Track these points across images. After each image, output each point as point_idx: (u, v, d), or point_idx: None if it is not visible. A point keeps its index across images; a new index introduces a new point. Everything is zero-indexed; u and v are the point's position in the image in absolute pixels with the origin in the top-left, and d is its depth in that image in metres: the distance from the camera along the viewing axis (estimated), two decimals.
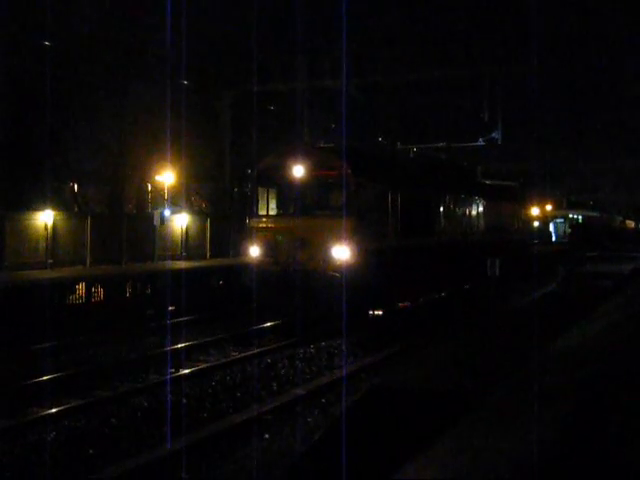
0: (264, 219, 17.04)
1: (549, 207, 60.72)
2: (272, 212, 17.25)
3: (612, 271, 27.32)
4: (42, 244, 19.97)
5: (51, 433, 9.30)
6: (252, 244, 16.74)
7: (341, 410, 9.06)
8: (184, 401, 10.84)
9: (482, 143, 28.03)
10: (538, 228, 58.91)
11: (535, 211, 57.81)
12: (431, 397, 7.91)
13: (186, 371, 12.58)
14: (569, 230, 59.25)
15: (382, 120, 33.59)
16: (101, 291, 18.93)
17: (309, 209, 16.32)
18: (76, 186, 28.65)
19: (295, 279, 15.51)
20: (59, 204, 23.79)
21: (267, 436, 9.46)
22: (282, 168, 16.54)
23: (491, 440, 5.57)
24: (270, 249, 16.31)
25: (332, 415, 10.04)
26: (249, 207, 17.79)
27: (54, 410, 10.01)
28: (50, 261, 19.89)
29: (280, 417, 10.18)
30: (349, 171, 15.74)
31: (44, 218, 20.20)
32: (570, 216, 61.25)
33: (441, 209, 20.93)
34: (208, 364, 13.29)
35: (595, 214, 63.49)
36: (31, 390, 11.07)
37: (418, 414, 7.50)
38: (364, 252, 15.82)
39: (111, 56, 25.60)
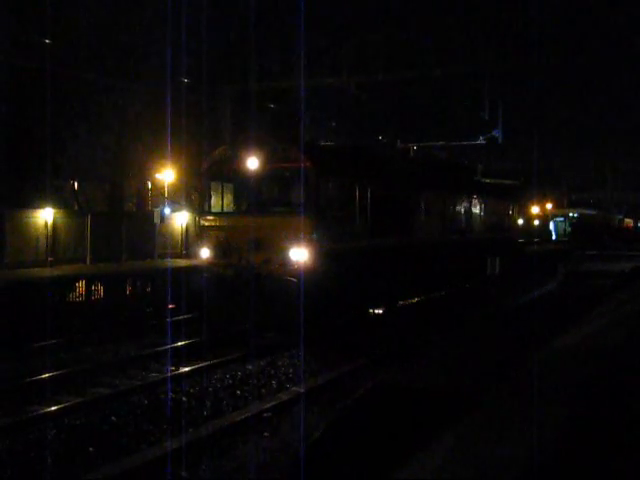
0: (216, 217, 15.56)
1: (549, 206, 60.69)
2: (225, 209, 15.80)
3: (612, 270, 27.29)
4: (42, 242, 19.98)
5: None
6: (202, 245, 15.31)
7: (341, 409, 9.04)
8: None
9: (483, 142, 27.98)
10: (538, 226, 58.94)
11: (535, 209, 57.97)
12: (431, 397, 7.90)
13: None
14: (569, 229, 59.21)
15: (382, 119, 33.57)
16: (101, 289, 18.92)
17: (264, 206, 14.84)
18: (76, 184, 28.59)
19: (249, 284, 13.95)
20: (59, 202, 23.74)
21: None
22: (235, 160, 15.02)
23: (489, 444, 5.57)
24: (222, 250, 14.84)
25: (334, 412, 9.69)
26: (199, 204, 16.13)
27: None
28: (50, 259, 19.89)
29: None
30: (308, 163, 14.19)
31: (44, 216, 20.20)
32: (570, 215, 61.19)
33: (421, 207, 19.50)
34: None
35: (595, 212, 63.44)
36: None
37: (418, 414, 7.49)
38: (326, 254, 14.37)
39: (111, 54, 25.58)
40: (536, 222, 59.44)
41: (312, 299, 13.67)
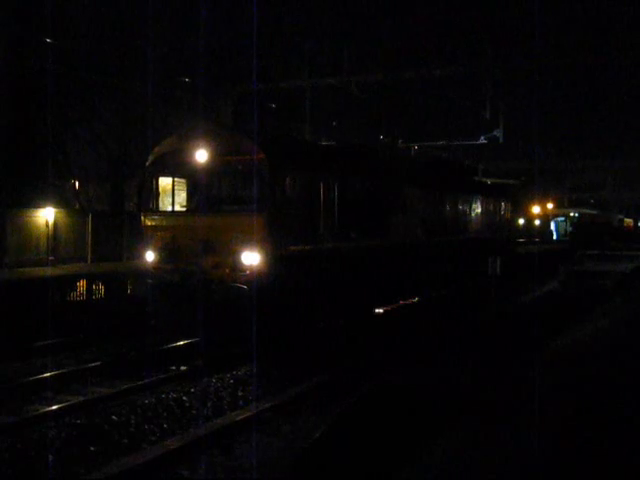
0: (161, 216, 13.93)
1: (550, 205, 60.67)
2: (173, 207, 14.10)
3: (614, 270, 27.25)
4: (43, 241, 19.99)
5: None
6: (147, 247, 13.62)
7: (342, 409, 9.03)
8: None
9: (484, 141, 27.95)
10: (539, 226, 58.95)
11: (536, 209, 57.99)
12: (432, 397, 7.91)
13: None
14: (570, 228, 59.15)
15: (383, 119, 33.56)
16: (102, 288, 18.90)
17: (214, 204, 13.31)
18: (77, 183, 28.63)
19: (197, 291, 12.54)
20: (60, 201, 23.78)
21: None
22: (183, 153, 13.40)
23: (489, 444, 5.57)
24: (168, 254, 13.23)
25: (335, 411, 9.34)
26: (143, 201, 14.43)
27: None
28: (51, 258, 19.89)
29: None
30: (262, 155, 12.67)
31: (45, 215, 20.21)
32: (571, 214, 61.17)
33: (401, 206, 18.11)
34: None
35: (595, 212, 63.42)
36: None
37: (418, 414, 7.49)
38: (284, 257, 12.90)
39: (113, 53, 25.59)
40: (537, 222, 59.49)
41: (267, 308, 12.27)
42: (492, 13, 24.86)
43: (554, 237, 59.23)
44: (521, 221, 60.98)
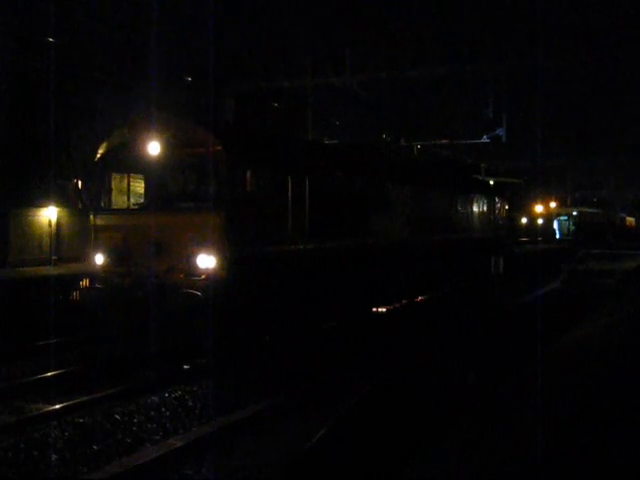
0: (112, 215, 12.77)
1: (553, 204, 60.62)
2: (129, 205, 13.01)
3: (616, 269, 27.20)
4: (46, 240, 20.04)
5: None
6: (96, 249, 12.53)
7: (342, 409, 9.03)
8: None
9: (486, 140, 27.93)
10: (542, 225, 58.91)
11: (539, 208, 57.95)
12: (432, 397, 7.91)
13: None
14: (573, 227, 59.10)
15: (386, 117, 33.56)
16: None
17: (168, 202, 12.13)
18: (80, 183, 28.65)
19: (150, 298, 11.41)
20: (63, 201, 23.81)
21: None
22: (133, 145, 12.22)
23: (490, 444, 5.57)
24: (118, 256, 12.16)
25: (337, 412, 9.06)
26: (93, 199, 13.26)
27: None
28: (54, 257, 19.93)
29: None
30: (219, 147, 11.51)
31: (48, 214, 20.26)
32: (574, 214, 61.12)
33: (382, 204, 16.86)
34: None
35: (596, 210, 63.40)
36: None
37: (418, 414, 7.49)
38: (244, 260, 11.67)
39: (115, 53, 25.61)
40: (540, 221, 59.46)
41: (225, 317, 11.24)
42: (495, 11, 24.83)
43: (557, 236, 59.14)
44: (524, 220, 61.02)
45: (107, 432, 8.76)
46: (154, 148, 11.93)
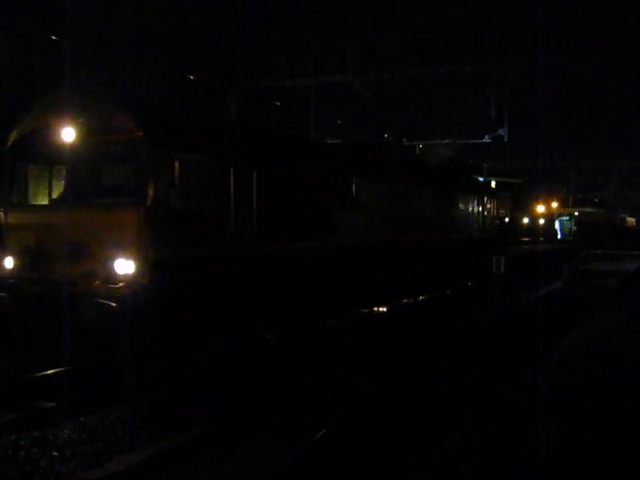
0: (24, 213, 11.14)
1: (555, 204, 60.64)
2: (42, 201, 11.36)
3: (617, 269, 27.20)
4: None
5: None
6: (7, 250, 10.89)
7: (342, 410, 9.00)
8: None
9: (488, 140, 27.89)
10: (544, 225, 58.96)
11: (541, 208, 58.01)
12: (432, 397, 7.89)
13: None
14: (574, 228, 59.09)
15: (388, 116, 33.55)
16: None
17: (83, 196, 10.41)
18: None
19: (60, 308, 9.70)
20: None
21: None
22: (46, 133, 10.66)
23: (491, 445, 5.56)
24: (30, 259, 10.52)
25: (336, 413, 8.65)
26: (4, 194, 11.63)
27: None
28: None
29: None
30: (139, 133, 9.91)
31: None
32: (576, 214, 61.15)
33: (352, 202, 15.32)
34: None
35: (596, 211, 63.42)
36: None
37: (419, 414, 7.48)
38: (173, 265, 10.02)
39: (117, 50, 25.60)
40: (542, 221, 59.54)
41: (147, 330, 9.63)
42: (498, 11, 24.77)
43: (559, 236, 59.13)
44: (526, 220, 61.06)
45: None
46: (67, 135, 10.39)
